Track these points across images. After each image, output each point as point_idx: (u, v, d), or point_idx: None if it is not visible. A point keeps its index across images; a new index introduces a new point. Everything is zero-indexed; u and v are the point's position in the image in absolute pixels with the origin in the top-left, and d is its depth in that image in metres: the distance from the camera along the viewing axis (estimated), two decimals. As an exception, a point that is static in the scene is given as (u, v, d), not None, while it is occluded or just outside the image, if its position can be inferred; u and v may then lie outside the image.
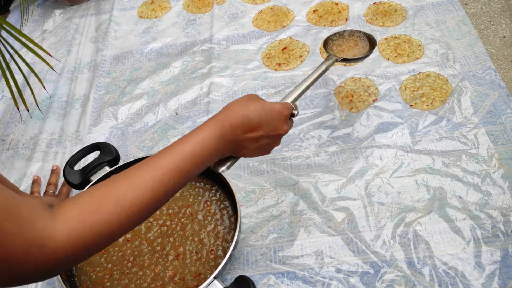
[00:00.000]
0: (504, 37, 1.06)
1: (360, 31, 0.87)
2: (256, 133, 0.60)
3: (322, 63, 0.81)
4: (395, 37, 1.06)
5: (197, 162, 0.55)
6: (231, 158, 0.64)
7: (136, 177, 0.51)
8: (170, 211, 0.79)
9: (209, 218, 0.78)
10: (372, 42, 0.86)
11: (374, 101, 0.95)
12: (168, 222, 0.78)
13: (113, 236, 0.48)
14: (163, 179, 0.51)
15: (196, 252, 0.74)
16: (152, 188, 0.50)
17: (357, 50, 0.85)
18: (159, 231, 0.77)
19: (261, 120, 0.60)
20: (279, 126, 0.63)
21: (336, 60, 0.82)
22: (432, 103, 0.92)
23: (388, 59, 1.03)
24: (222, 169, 0.63)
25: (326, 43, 0.89)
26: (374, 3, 1.16)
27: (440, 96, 0.92)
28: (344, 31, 0.88)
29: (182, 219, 0.78)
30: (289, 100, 0.71)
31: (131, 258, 0.75)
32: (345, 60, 0.84)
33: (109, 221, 0.46)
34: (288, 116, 0.65)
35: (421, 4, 1.13)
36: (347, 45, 0.86)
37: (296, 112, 0.67)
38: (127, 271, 0.73)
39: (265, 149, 0.64)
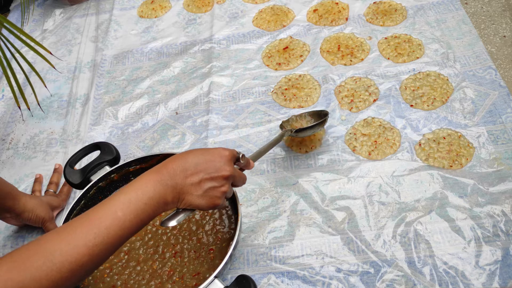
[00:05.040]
0: (505, 36, 1.06)
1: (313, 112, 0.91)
2: (196, 176, 0.57)
3: (279, 134, 0.84)
4: (395, 37, 1.06)
5: (135, 210, 0.53)
6: (181, 212, 0.61)
7: (69, 232, 0.49)
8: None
9: (207, 217, 0.78)
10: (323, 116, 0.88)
11: (374, 100, 0.95)
12: (158, 222, 0.78)
13: None
14: (99, 232, 0.49)
15: (195, 251, 0.74)
16: (86, 242, 0.48)
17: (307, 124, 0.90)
18: (147, 230, 0.78)
19: (200, 162, 0.58)
20: (220, 167, 0.59)
21: (291, 131, 0.85)
22: (432, 103, 0.92)
23: (388, 58, 1.03)
24: (170, 223, 0.61)
25: (281, 125, 0.91)
26: (374, 3, 1.16)
27: (441, 96, 0.92)
28: (301, 114, 0.91)
29: None
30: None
31: (125, 249, 0.75)
32: (298, 131, 0.85)
33: (36, 279, 0.45)
34: (230, 157, 0.61)
35: (421, 3, 1.13)
36: (300, 123, 0.90)
37: (243, 160, 0.64)
38: (125, 264, 0.74)
39: (212, 196, 0.59)
